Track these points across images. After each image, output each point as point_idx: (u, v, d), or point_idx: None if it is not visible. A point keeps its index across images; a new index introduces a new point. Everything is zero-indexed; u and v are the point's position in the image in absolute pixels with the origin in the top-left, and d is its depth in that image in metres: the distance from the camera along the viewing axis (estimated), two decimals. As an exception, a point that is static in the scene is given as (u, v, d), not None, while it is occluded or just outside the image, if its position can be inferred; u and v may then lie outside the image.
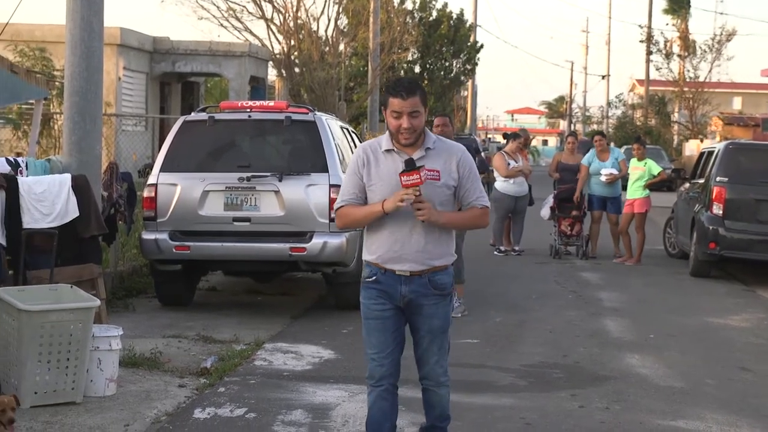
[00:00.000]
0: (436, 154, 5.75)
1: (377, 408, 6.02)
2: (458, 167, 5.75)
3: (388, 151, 5.73)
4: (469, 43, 45.38)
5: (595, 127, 74.89)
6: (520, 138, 18.10)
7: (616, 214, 17.43)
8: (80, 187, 8.64)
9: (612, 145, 18.44)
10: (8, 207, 8.13)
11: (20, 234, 8.16)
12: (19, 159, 9.85)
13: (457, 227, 5.91)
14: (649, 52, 50.60)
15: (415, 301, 5.79)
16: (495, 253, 17.74)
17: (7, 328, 7.45)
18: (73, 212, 8.50)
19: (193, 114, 12.02)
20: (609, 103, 69.32)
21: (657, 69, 49.66)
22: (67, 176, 8.73)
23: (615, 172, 17.20)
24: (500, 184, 17.70)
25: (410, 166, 5.56)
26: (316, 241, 10.92)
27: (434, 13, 43.61)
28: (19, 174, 9.12)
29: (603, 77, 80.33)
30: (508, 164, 17.57)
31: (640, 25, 67.94)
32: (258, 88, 34.22)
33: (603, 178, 17.23)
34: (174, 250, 11.05)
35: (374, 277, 5.81)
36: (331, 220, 10.94)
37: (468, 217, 5.85)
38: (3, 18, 12.79)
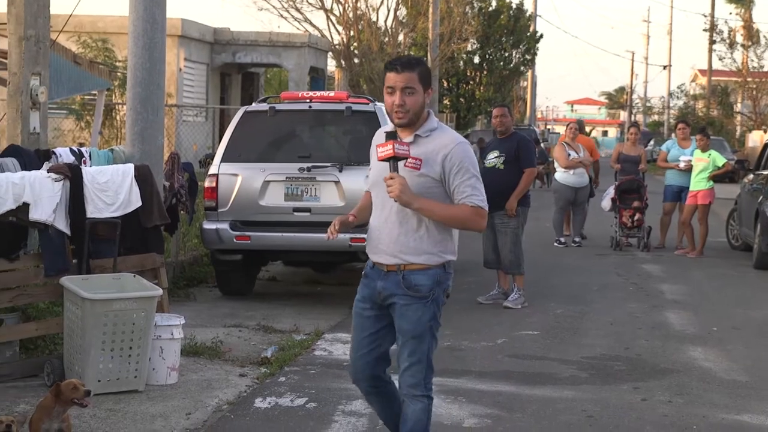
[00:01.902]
0: (426, 143, 5.26)
1: (373, 404, 5.76)
2: (444, 160, 5.20)
3: (388, 133, 5.26)
4: (528, 33, 45.11)
5: (656, 118, 74.18)
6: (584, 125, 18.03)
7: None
8: (143, 177, 8.69)
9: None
10: (72, 197, 8.20)
11: (84, 223, 8.23)
12: (83, 149, 9.93)
13: (438, 219, 5.23)
14: (711, 42, 49.93)
15: (388, 299, 5.34)
16: (555, 244, 17.63)
17: (72, 316, 7.53)
18: (136, 202, 8.55)
19: (254, 104, 12.07)
20: (670, 94, 68.54)
21: (720, 59, 48.99)
22: (130, 166, 8.79)
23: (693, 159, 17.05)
24: (560, 175, 17.64)
25: (389, 137, 5.19)
26: (375, 231, 10.89)
27: (494, 3, 43.39)
28: (82, 164, 9.20)
29: (664, 67, 79.48)
30: (568, 155, 17.47)
31: (703, 14, 67.21)
32: (317, 78, 34.30)
33: (682, 165, 17.07)
34: (235, 240, 11.11)
35: (364, 271, 5.50)
36: (391, 210, 10.93)
37: (455, 212, 5.22)
38: (66, 10, 12.88)
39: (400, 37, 32.28)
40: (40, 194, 8.04)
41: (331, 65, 34.48)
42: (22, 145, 9.54)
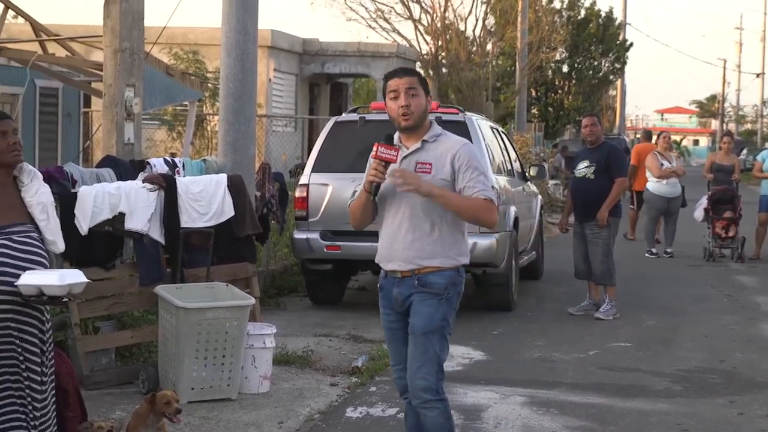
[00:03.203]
0: (434, 147, 5.33)
1: (408, 418, 5.55)
2: (453, 160, 5.26)
3: (386, 137, 5.33)
4: (618, 42, 44.67)
5: (749, 126, 72.98)
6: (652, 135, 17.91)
7: None
8: (236, 187, 8.78)
9: None
10: (167, 206, 8.31)
11: (178, 233, 8.33)
12: (176, 159, 10.07)
13: (454, 208, 5.22)
14: (806, 49, 48.98)
15: (406, 303, 5.34)
16: (646, 255, 17.42)
17: (166, 324, 7.62)
18: (229, 212, 8.64)
19: (344, 114, 12.12)
20: (764, 102, 67.37)
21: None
22: (224, 176, 8.88)
23: None
24: (652, 184, 17.42)
25: (387, 141, 5.25)
26: (466, 242, 10.87)
27: (582, 12, 43.04)
28: (176, 174, 9.32)
29: (757, 75, 78.18)
30: (661, 165, 17.25)
31: (796, 22, 65.94)
32: (405, 88, 34.26)
33: None
34: (325, 250, 11.16)
35: (379, 284, 5.49)
36: (482, 220, 10.90)
37: (471, 203, 5.21)
38: (159, 22, 13.09)
39: (488, 47, 32.15)
40: (136, 204, 8.16)
41: (419, 75, 34.50)
42: (117, 155, 9.70)
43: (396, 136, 5.41)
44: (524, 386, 8.36)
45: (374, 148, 5.22)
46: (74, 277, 4.99)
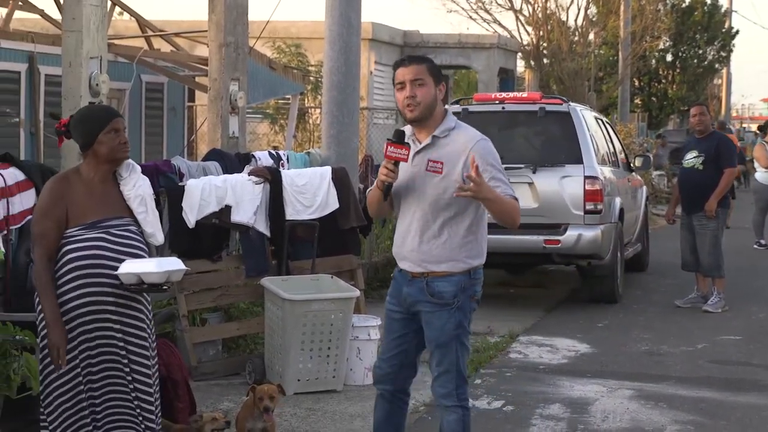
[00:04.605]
0: (446, 144, 5.07)
1: (377, 410, 5.45)
2: (466, 160, 4.99)
3: (395, 132, 5.10)
4: (723, 30, 43.85)
5: None
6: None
7: None
8: (340, 179, 8.80)
9: None
10: (272, 199, 8.37)
11: (284, 225, 8.39)
12: (281, 152, 10.14)
13: (498, 210, 5.00)
14: None
15: (414, 306, 5.19)
16: (755, 246, 17.08)
17: (272, 316, 7.68)
18: (333, 204, 8.66)
19: (446, 106, 12.06)
20: None
21: None
22: (328, 169, 8.92)
23: None
24: (761, 174, 17.08)
25: (397, 138, 5.02)
26: (571, 234, 10.81)
27: (687, 0, 42.36)
28: (280, 167, 9.39)
29: None
30: (770, 154, 16.89)
31: None
32: (506, 80, 34.14)
33: None
34: (428, 242, 11.12)
35: (393, 274, 5.39)
36: (587, 212, 10.81)
37: (509, 205, 5.02)
38: (261, 16, 13.21)
39: (591, 36, 31.82)
40: (242, 197, 8.24)
41: (520, 66, 34.28)
42: (222, 149, 9.80)
43: (408, 129, 5.19)
44: (631, 379, 8.25)
45: (384, 147, 5.01)
46: (172, 264, 5.04)
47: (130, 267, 4.87)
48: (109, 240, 4.93)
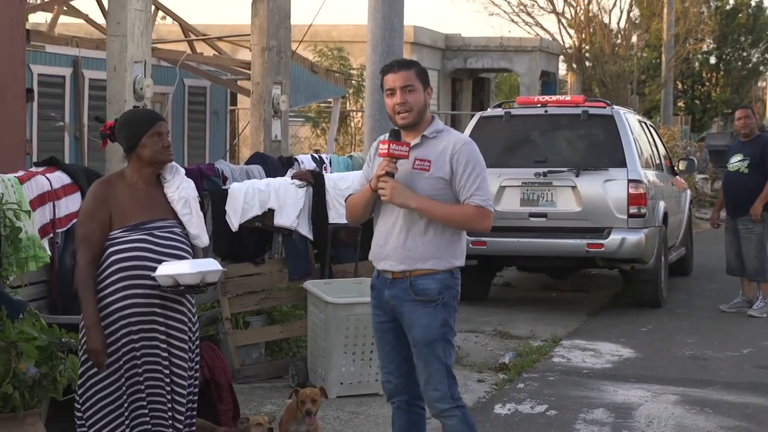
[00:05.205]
0: (434, 143, 5.08)
1: (396, 423, 5.40)
2: (452, 159, 5.02)
3: (391, 132, 5.05)
4: (768, 32, 43.53)
5: None
6: None
7: None
8: (382, 183, 8.80)
9: None
10: (315, 202, 8.39)
11: (327, 229, 8.40)
12: (323, 156, 10.16)
13: (439, 219, 5.02)
14: None
15: (397, 308, 5.10)
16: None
17: (315, 320, 7.69)
18: (376, 208, 8.67)
19: (489, 110, 12.07)
20: None
21: None
22: (370, 172, 8.91)
23: None
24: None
25: (393, 137, 4.99)
26: (614, 237, 10.74)
27: (731, 2, 42.07)
28: (323, 170, 9.40)
29: None
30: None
31: None
32: (548, 83, 34.04)
33: None
34: (471, 245, 11.08)
35: (371, 283, 5.30)
36: (630, 216, 10.75)
37: (457, 212, 5.03)
38: (303, 20, 13.26)
39: (633, 39, 31.68)
40: (285, 200, 8.26)
41: (562, 69, 34.19)
42: (265, 152, 9.83)
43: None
44: (676, 384, 8.19)
45: (385, 146, 4.96)
46: (206, 265, 4.99)
47: (165, 269, 4.87)
48: (152, 242, 4.94)
